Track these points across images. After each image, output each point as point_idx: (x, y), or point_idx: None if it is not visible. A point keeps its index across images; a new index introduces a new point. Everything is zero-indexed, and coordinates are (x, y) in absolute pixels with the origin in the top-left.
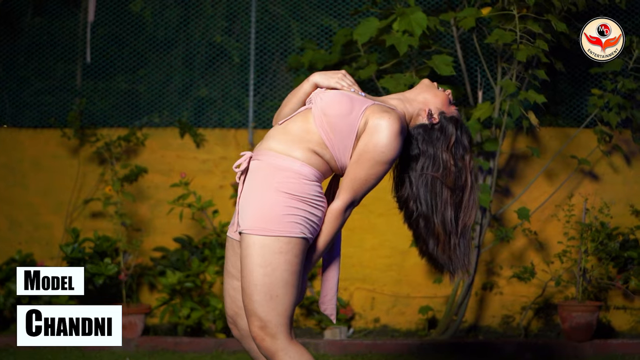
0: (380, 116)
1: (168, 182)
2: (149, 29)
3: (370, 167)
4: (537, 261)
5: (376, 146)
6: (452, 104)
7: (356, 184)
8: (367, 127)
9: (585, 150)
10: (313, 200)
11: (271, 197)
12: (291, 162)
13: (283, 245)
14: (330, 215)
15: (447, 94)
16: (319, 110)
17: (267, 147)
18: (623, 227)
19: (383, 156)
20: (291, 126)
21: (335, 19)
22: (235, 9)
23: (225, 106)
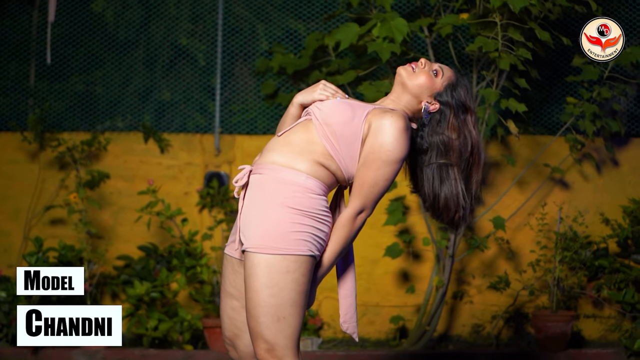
0: (382, 116)
1: (131, 189)
2: (110, 29)
3: (378, 168)
4: (509, 270)
5: (382, 146)
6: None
7: (365, 188)
8: (371, 129)
9: (556, 158)
10: (320, 215)
11: (276, 213)
12: (296, 175)
13: (290, 264)
14: (338, 224)
15: (424, 68)
16: (320, 120)
17: (269, 160)
18: (594, 236)
19: (390, 155)
20: (293, 137)
21: (302, 22)
22: (199, 11)
23: (188, 110)
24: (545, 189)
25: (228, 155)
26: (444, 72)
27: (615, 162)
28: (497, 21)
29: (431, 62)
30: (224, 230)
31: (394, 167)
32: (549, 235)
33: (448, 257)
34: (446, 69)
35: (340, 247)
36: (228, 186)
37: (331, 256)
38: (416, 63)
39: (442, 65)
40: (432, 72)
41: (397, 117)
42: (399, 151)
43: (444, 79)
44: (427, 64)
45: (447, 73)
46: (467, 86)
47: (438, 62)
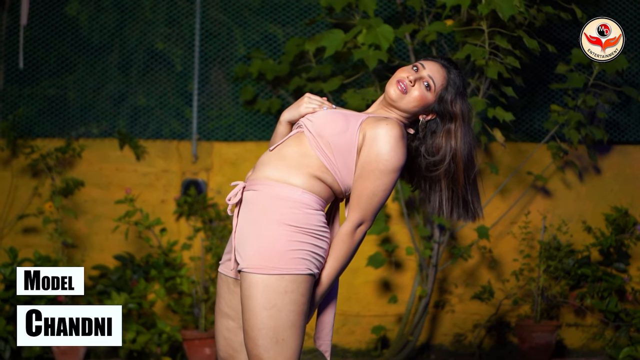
0: (377, 125)
1: (106, 196)
2: (84, 33)
3: (376, 178)
4: (491, 278)
5: (378, 155)
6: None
7: (363, 200)
8: (366, 139)
9: (537, 165)
10: (318, 231)
11: (273, 230)
12: (291, 190)
13: (288, 284)
14: (337, 239)
15: (414, 87)
16: (312, 132)
17: (262, 175)
18: (576, 244)
19: (388, 164)
20: (286, 151)
21: (280, 26)
22: (176, 15)
23: (164, 116)
24: (528, 197)
25: (206, 163)
26: (435, 82)
27: (598, 170)
28: (484, 29)
29: (421, 73)
30: (203, 240)
31: (392, 177)
32: (532, 244)
33: (431, 267)
34: (437, 76)
35: (340, 264)
36: (206, 194)
37: (331, 273)
38: (405, 84)
39: (431, 71)
40: (424, 87)
41: (392, 125)
42: (396, 160)
43: (437, 88)
44: (417, 82)
45: (438, 82)
46: (457, 85)
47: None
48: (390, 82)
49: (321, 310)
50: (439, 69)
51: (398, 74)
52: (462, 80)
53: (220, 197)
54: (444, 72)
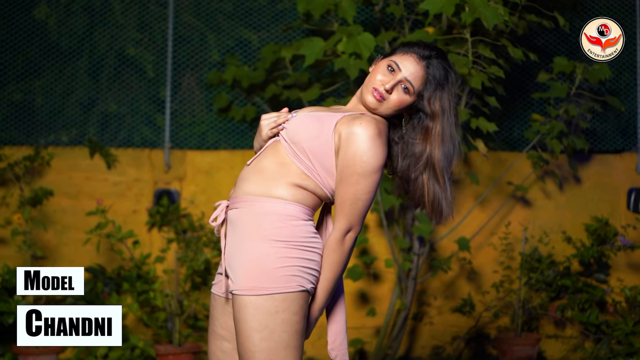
0: (351, 124)
1: (76, 206)
2: (53, 37)
3: (356, 182)
4: (470, 290)
5: (355, 157)
6: (392, 70)
7: (347, 206)
8: (342, 140)
9: (517, 175)
10: (306, 243)
11: (259, 249)
12: (273, 203)
13: (279, 303)
14: (327, 250)
15: (391, 94)
16: (287, 140)
17: (243, 191)
18: (556, 254)
19: (366, 166)
20: (263, 163)
21: (254, 31)
22: (147, 19)
23: (136, 123)
24: (507, 207)
25: (178, 172)
26: (413, 84)
27: (577, 179)
28: (467, 37)
29: (397, 77)
30: (177, 252)
31: (373, 178)
32: (512, 255)
33: (411, 279)
34: (415, 75)
35: (334, 274)
36: (179, 204)
37: (326, 286)
38: (381, 92)
39: (408, 71)
40: (402, 91)
41: (367, 123)
42: (375, 160)
43: (416, 89)
44: (394, 88)
45: (417, 82)
46: (437, 78)
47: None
48: (366, 86)
49: (330, 319)
50: (416, 66)
51: (373, 80)
52: (444, 69)
53: (193, 207)
54: (422, 70)
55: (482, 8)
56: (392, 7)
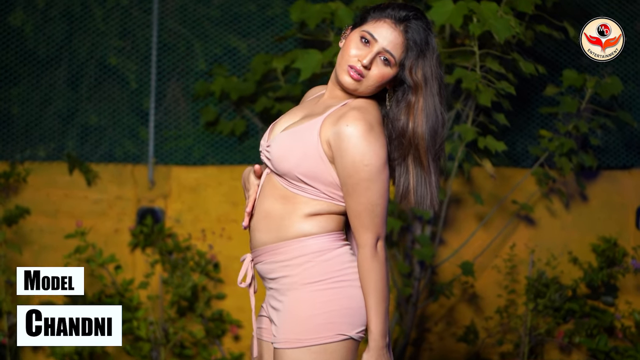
0: (337, 127)
1: (54, 225)
2: (30, 45)
3: (366, 189)
4: (472, 315)
5: (355, 163)
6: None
7: (365, 216)
8: (333, 147)
9: (520, 192)
10: (343, 277)
11: (292, 297)
12: (294, 245)
13: (317, 356)
14: (363, 273)
15: (370, 70)
16: (277, 174)
17: (259, 243)
18: (562, 276)
19: (372, 168)
20: (266, 205)
21: (242, 39)
22: (130, 26)
23: (117, 137)
24: (510, 226)
25: (163, 189)
26: (393, 53)
27: (584, 197)
28: (475, 50)
29: (373, 48)
30: (162, 277)
31: (382, 177)
32: (516, 278)
33: (411, 305)
34: (394, 44)
35: (381, 294)
36: (163, 223)
37: (378, 310)
38: (358, 69)
39: (386, 39)
40: (382, 63)
41: (354, 119)
42: (377, 158)
43: (398, 58)
44: (372, 62)
45: (397, 51)
46: (418, 43)
47: None
48: (339, 66)
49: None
50: (393, 32)
51: (347, 55)
52: (424, 31)
53: (179, 227)
54: (400, 35)
55: (493, 20)
56: None
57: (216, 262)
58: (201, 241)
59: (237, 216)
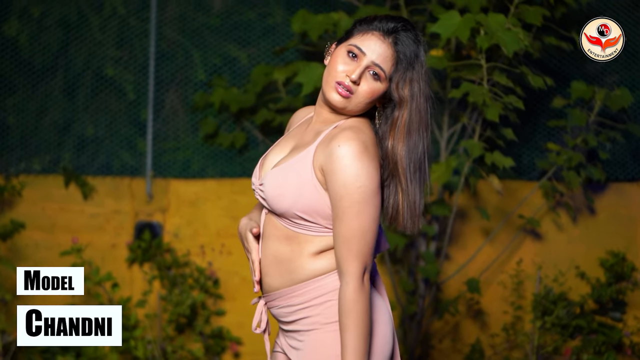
0: (329, 149)
1: (50, 240)
2: (25, 55)
3: (359, 212)
4: (477, 331)
5: (347, 185)
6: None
7: (354, 243)
8: (326, 172)
9: (527, 206)
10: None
11: (314, 339)
12: (308, 286)
13: None
14: (345, 305)
15: (359, 85)
16: (277, 214)
17: (272, 288)
18: (569, 291)
19: (366, 190)
20: (272, 249)
21: (242, 48)
22: (127, 35)
23: (115, 149)
24: (516, 240)
25: (161, 203)
26: (383, 67)
27: (592, 210)
28: (482, 64)
29: (362, 62)
30: (160, 295)
31: (375, 201)
32: (522, 294)
33: (415, 323)
34: (383, 57)
35: (363, 335)
36: (162, 238)
37: (356, 356)
38: (347, 85)
39: (374, 53)
40: (372, 78)
41: (347, 139)
42: (371, 180)
43: (388, 72)
44: (361, 77)
45: (387, 65)
46: (407, 56)
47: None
48: (326, 82)
49: None
50: (382, 45)
51: (333, 72)
52: (415, 43)
53: (177, 241)
54: (389, 48)
55: (501, 32)
56: None
57: (216, 278)
58: (200, 257)
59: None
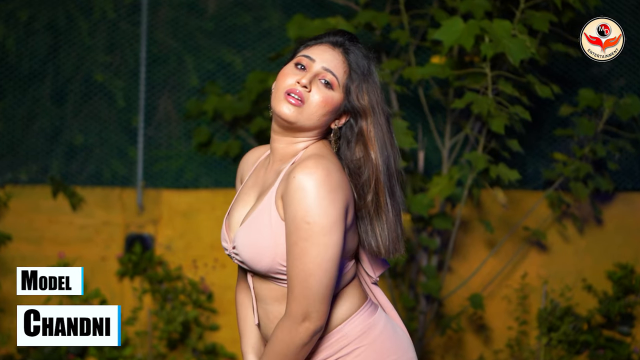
0: (288, 182)
1: (38, 253)
2: (12, 59)
3: (302, 252)
4: (479, 347)
5: (295, 219)
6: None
7: (296, 285)
8: (285, 204)
9: (531, 216)
10: (398, 347)
11: None
12: (335, 336)
13: None
14: (274, 336)
15: (310, 91)
16: (263, 275)
17: None
18: (575, 306)
19: (312, 227)
20: (276, 313)
21: (237, 52)
22: (118, 40)
23: (105, 157)
24: (521, 252)
25: (153, 214)
26: (336, 73)
27: (599, 221)
28: (486, 72)
29: (312, 69)
30: (150, 311)
31: (325, 241)
32: (527, 309)
33: (417, 341)
34: (335, 63)
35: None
36: (153, 251)
37: None
38: (298, 92)
39: (325, 60)
40: (323, 86)
41: (302, 168)
42: (324, 216)
43: (341, 80)
44: (312, 83)
45: (339, 71)
46: (361, 66)
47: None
48: (275, 97)
49: None
50: (332, 52)
51: (282, 83)
52: (365, 57)
53: (170, 254)
54: (341, 56)
55: (507, 40)
56: (396, 32)
57: (210, 292)
58: (193, 270)
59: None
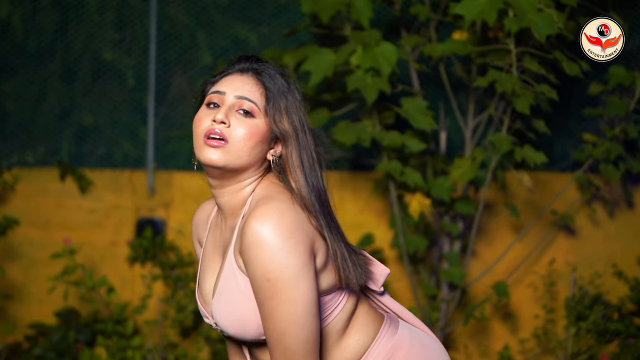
0: (243, 234)
1: (46, 238)
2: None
3: (271, 312)
4: (505, 335)
5: (256, 279)
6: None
7: (273, 346)
8: (243, 257)
9: (559, 199)
10: (432, 355)
11: None
12: None
13: None
14: None
15: (229, 126)
16: (256, 345)
17: None
18: (605, 292)
19: (274, 284)
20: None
21: (251, 28)
22: (127, 16)
23: (115, 138)
24: (548, 237)
25: (164, 197)
26: (253, 99)
27: (630, 204)
28: (511, 49)
29: (226, 102)
30: (160, 299)
31: (292, 293)
32: (554, 296)
33: (438, 331)
34: (248, 88)
35: None
36: (164, 235)
37: None
38: (218, 132)
39: (237, 89)
40: (243, 116)
41: (252, 219)
42: (285, 266)
43: (261, 106)
44: (227, 114)
45: (256, 96)
46: (278, 85)
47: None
48: (196, 146)
49: None
50: (242, 79)
51: (198, 128)
52: (279, 74)
53: (182, 239)
54: (252, 79)
55: (532, 14)
56: (416, 7)
57: None
58: None
59: None
